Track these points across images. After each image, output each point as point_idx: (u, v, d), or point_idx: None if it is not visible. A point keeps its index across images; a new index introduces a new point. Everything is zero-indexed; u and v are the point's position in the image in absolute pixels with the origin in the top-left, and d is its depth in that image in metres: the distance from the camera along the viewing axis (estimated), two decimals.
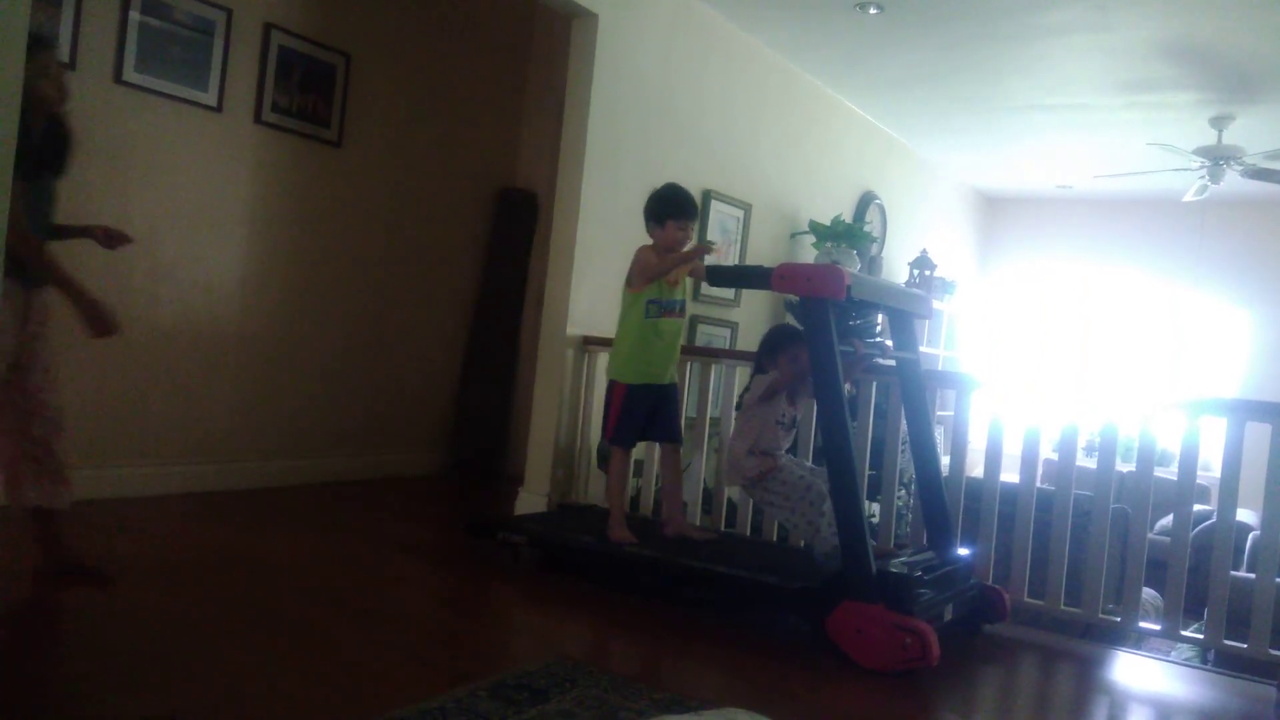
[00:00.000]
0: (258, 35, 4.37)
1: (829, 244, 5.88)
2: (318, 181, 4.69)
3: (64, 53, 3.65)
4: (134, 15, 3.89)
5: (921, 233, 7.98)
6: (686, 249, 3.48)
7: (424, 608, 2.28)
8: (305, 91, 4.59)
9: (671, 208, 3.48)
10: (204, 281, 4.28)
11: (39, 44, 2.60)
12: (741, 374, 4.05)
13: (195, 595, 2.88)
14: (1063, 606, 3.36)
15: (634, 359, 3.59)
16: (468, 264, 5.68)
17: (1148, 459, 3.35)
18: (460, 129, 5.49)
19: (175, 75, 4.05)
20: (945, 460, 3.71)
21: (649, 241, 3.57)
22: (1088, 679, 3.10)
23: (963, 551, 3.33)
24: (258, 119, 4.40)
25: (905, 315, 3.45)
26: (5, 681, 2.10)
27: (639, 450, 4.30)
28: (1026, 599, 3.41)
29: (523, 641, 2.95)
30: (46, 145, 2.66)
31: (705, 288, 5.22)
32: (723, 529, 3.98)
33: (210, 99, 4.19)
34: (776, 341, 3.42)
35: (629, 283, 3.56)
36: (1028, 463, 3.49)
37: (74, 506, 2.81)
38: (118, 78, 3.86)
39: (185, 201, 4.16)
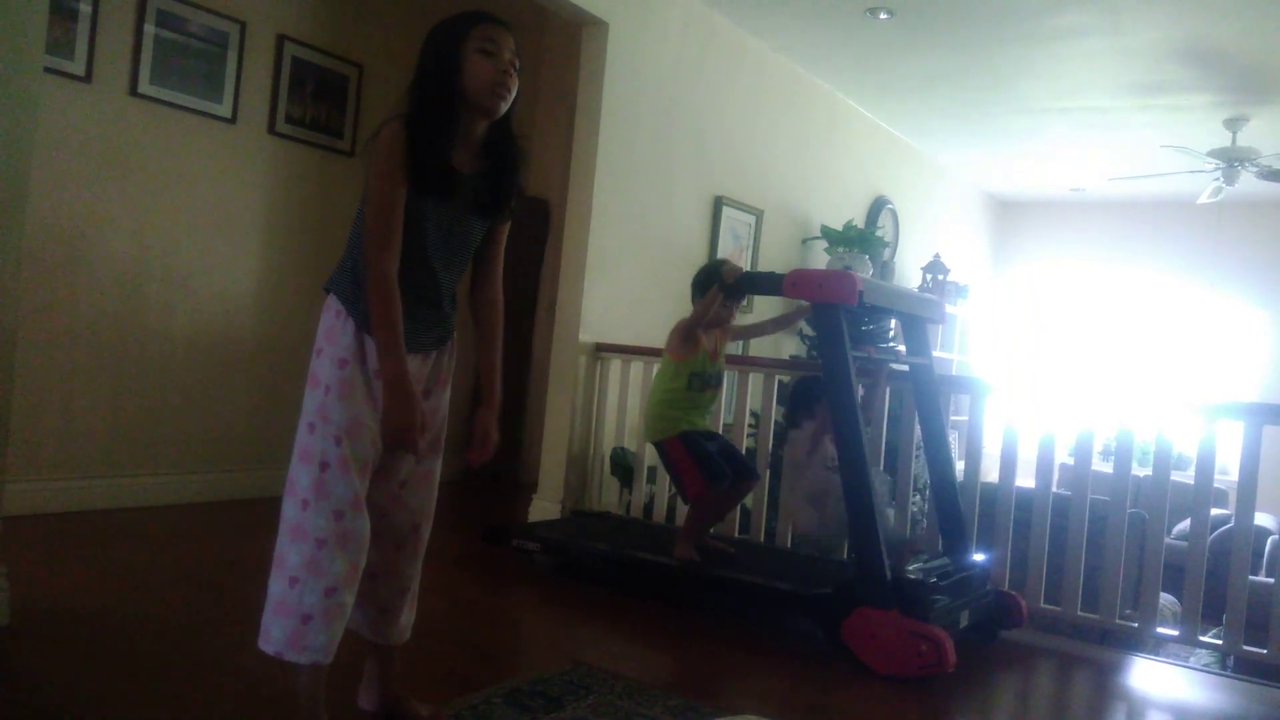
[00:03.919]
0: (271, 47, 4.40)
1: (841, 249, 5.88)
2: (331, 191, 4.71)
3: (80, 66, 3.70)
4: (149, 28, 3.92)
5: (934, 237, 7.96)
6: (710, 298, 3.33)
7: (439, 614, 2.29)
8: (319, 102, 4.63)
9: (710, 278, 3.40)
10: (219, 291, 4.31)
11: (470, 17, 1.84)
12: (755, 380, 4.05)
13: (212, 602, 2.89)
14: (1079, 612, 3.34)
15: (672, 418, 3.39)
16: None
17: (1165, 463, 3.32)
18: None
19: (190, 87, 4.09)
20: (960, 465, 3.70)
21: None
22: (1105, 685, 3.08)
23: (978, 557, 3.32)
24: (271, 130, 4.43)
25: (918, 320, 3.44)
26: (28, 689, 2.12)
27: (651, 456, 4.30)
28: (1043, 604, 3.39)
29: (538, 648, 2.96)
30: (493, 169, 1.92)
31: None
32: (736, 535, 3.97)
33: (224, 110, 4.23)
34: (814, 393, 3.37)
35: (670, 350, 3.43)
36: (1043, 467, 3.47)
37: (92, 517, 2.72)
38: (133, 90, 3.90)
39: (200, 212, 4.20)
